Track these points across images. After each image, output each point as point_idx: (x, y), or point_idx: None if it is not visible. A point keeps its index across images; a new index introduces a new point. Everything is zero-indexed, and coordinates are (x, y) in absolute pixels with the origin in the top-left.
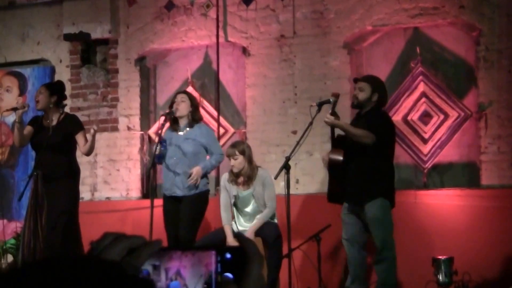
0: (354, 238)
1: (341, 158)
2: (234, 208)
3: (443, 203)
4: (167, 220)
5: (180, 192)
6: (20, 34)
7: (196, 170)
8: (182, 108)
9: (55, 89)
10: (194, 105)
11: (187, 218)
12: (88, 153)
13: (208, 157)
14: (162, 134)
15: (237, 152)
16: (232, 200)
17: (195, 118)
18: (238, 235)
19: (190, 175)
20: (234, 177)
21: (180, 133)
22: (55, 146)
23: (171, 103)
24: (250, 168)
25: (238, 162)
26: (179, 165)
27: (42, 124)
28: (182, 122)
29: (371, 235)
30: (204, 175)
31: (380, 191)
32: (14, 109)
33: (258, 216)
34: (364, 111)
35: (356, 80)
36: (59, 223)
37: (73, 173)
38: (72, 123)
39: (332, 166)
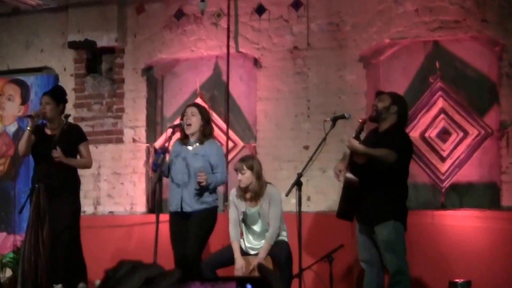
0: (371, 260)
1: (357, 179)
2: (243, 225)
3: (462, 225)
4: (174, 240)
5: (189, 208)
6: (24, 41)
7: (205, 174)
8: (193, 123)
9: (61, 98)
10: (205, 119)
11: (195, 235)
12: (85, 167)
13: None
14: (170, 147)
15: (244, 167)
16: (241, 217)
17: (205, 134)
18: (260, 266)
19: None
20: (242, 192)
21: (190, 147)
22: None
23: (182, 115)
24: (258, 184)
25: (246, 177)
26: (186, 180)
27: (44, 133)
28: (193, 138)
29: (383, 259)
30: (207, 188)
31: (392, 213)
32: (29, 116)
33: (264, 240)
34: (383, 129)
35: (378, 93)
36: (61, 238)
37: (75, 185)
38: (75, 134)
39: (347, 186)
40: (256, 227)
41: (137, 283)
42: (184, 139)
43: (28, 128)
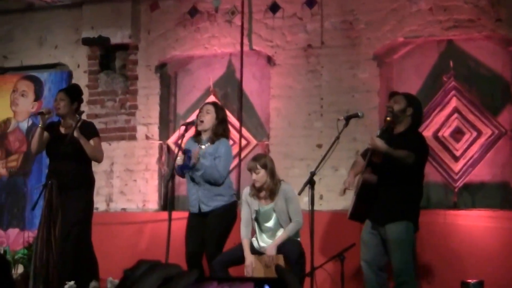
0: (373, 260)
1: (375, 178)
2: (256, 223)
3: (474, 224)
4: (189, 236)
5: (206, 207)
6: (37, 38)
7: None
8: (206, 121)
9: (76, 96)
10: (220, 119)
11: (214, 234)
12: (96, 155)
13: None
14: (182, 144)
15: (258, 166)
16: (253, 215)
17: (217, 133)
18: (278, 267)
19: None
20: (256, 191)
21: (202, 146)
22: (71, 154)
23: (199, 112)
24: (273, 182)
25: (260, 176)
26: (197, 178)
27: (58, 131)
28: (205, 135)
29: (390, 257)
30: (196, 169)
31: (405, 213)
32: (40, 114)
33: (283, 229)
34: (398, 131)
35: (392, 94)
36: (72, 234)
37: (88, 183)
38: (88, 130)
39: (364, 186)
40: (269, 224)
41: (155, 282)
42: (197, 137)
43: (40, 125)
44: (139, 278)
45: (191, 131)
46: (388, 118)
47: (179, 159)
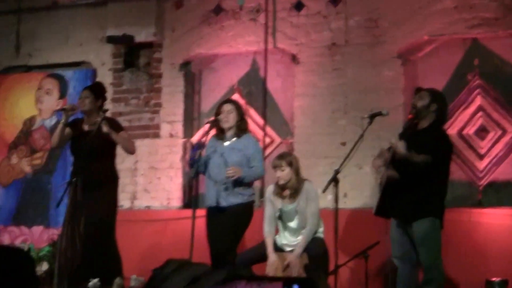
0: (405, 256)
1: (397, 174)
2: (279, 222)
3: (499, 223)
4: (211, 235)
5: (224, 202)
6: (62, 36)
7: (237, 169)
8: (231, 120)
9: (100, 93)
10: (241, 115)
11: (230, 230)
12: (128, 145)
13: None
14: (206, 142)
15: (283, 164)
16: (277, 214)
17: (242, 129)
18: (307, 267)
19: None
20: (280, 189)
21: (226, 142)
22: (96, 151)
23: (217, 113)
24: (297, 180)
25: (285, 173)
26: (223, 175)
27: (81, 128)
28: (229, 132)
29: (418, 254)
30: (240, 182)
31: (431, 210)
32: (64, 110)
33: (300, 237)
34: (422, 126)
35: (417, 90)
36: (97, 230)
37: (113, 179)
38: (113, 125)
39: (387, 181)
40: (293, 224)
41: (183, 281)
42: (220, 134)
43: (62, 121)
44: (168, 276)
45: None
46: (410, 116)
47: (197, 154)
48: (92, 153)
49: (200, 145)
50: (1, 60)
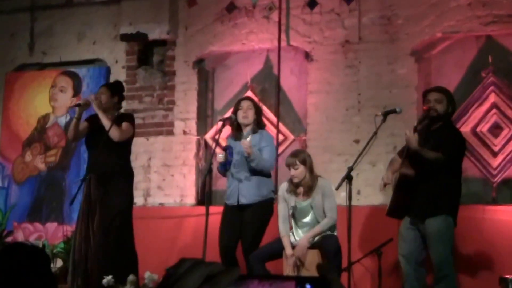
0: (411, 255)
1: (413, 172)
2: (292, 219)
3: None
4: (224, 229)
5: (245, 200)
6: (76, 33)
7: (249, 142)
8: (250, 116)
9: (117, 90)
10: (258, 112)
11: (252, 228)
12: (113, 131)
13: None
14: (220, 140)
15: (297, 162)
16: (290, 211)
17: (260, 126)
18: (319, 267)
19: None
20: (294, 187)
21: (247, 139)
22: (111, 145)
23: (235, 109)
24: (311, 178)
25: (299, 171)
26: (243, 172)
27: (98, 122)
28: (246, 130)
29: (430, 252)
30: (259, 172)
31: (445, 207)
32: (78, 105)
33: (318, 225)
34: (434, 127)
35: (428, 91)
36: (113, 225)
37: (128, 174)
38: (124, 116)
39: (402, 181)
40: (306, 220)
41: (198, 280)
42: (236, 133)
43: (75, 116)
44: (182, 275)
45: (228, 127)
46: (425, 107)
47: (221, 156)
48: (107, 146)
49: (229, 147)
50: (16, 58)
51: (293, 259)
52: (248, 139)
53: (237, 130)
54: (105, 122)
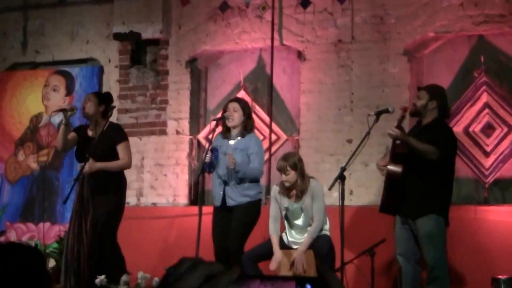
0: (408, 253)
1: (400, 170)
2: (285, 220)
3: (505, 220)
4: (216, 231)
5: (232, 201)
6: (69, 33)
7: (234, 160)
8: (236, 118)
9: (105, 100)
10: (247, 114)
11: (238, 228)
12: (123, 168)
13: None
14: (212, 139)
15: (288, 168)
16: (283, 212)
17: (247, 128)
18: (319, 267)
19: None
20: (286, 190)
21: (231, 142)
22: (100, 156)
23: (223, 111)
24: (303, 182)
25: (290, 177)
26: (229, 174)
27: (86, 134)
28: (234, 131)
29: (423, 253)
30: (236, 172)
31: (435, 207)
32: (63, 110)
33: (306, 233)
34: (425, 122)
35: (418, 89)
36: (100, 230)
37: (119, 184)
38: (114, 134)
39: (389, 178)
40: (299, 222)
41: (197, 280)
42: (226, 133)
43: (63, 122)
44: (182, 275)
45: (221, 127)
46: (401, 108)
47: (208, 157)
48: (97, 158)
49: (216, 149)
50: (8, 57)
51: (277, 261)
52: (229, 145)
53: (227, 130)
54: (113, 167)
